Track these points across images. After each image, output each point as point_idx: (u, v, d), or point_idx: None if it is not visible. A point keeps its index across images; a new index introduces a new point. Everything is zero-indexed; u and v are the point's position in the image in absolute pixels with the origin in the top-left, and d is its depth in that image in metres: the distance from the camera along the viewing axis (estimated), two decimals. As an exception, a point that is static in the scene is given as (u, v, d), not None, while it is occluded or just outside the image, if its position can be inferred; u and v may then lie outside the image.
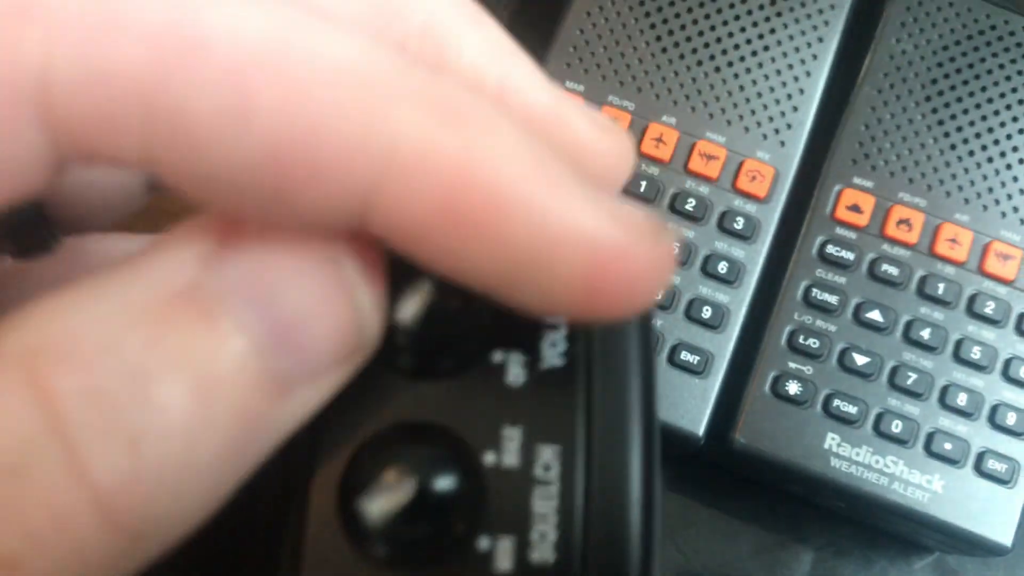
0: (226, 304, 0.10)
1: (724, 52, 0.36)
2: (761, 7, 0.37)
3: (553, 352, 0.12)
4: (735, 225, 0.35)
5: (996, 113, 0.36)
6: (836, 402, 0.34)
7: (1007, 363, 0.34)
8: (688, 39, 0.36)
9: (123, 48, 0.09)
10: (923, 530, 0.34)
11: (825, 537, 0.38)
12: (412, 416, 0.12)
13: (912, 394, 0.34)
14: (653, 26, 0.37)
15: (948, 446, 0.33)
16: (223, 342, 0.10)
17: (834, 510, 0.37)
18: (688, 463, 0.38)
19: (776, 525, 0.38)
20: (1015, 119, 0.36)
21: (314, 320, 0.10)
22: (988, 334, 0.34)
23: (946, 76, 0.36)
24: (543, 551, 0.11)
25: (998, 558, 0.37)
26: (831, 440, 0.34)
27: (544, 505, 0.11)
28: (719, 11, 0.37)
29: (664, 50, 0.36)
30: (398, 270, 0.11)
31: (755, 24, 0.36)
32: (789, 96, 0.36)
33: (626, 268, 0.10)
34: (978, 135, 0.36)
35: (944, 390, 0.34)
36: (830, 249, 0.35)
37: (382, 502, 0.11)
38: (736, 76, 0.36)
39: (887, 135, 0.36)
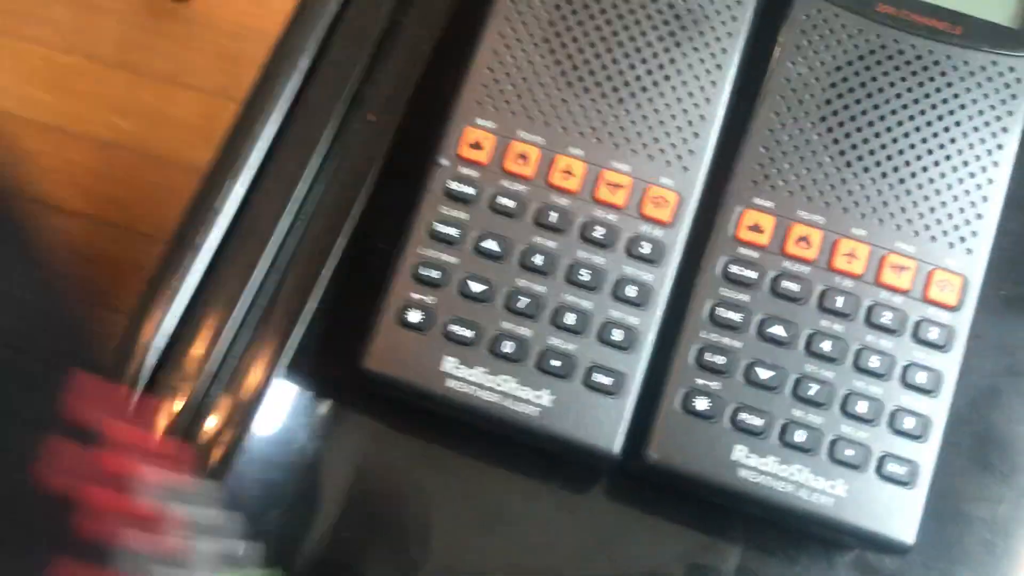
0: None
1: (626, 83, 0.38)
2: (660, 38, 0.38)
3: None
4: (642, 250, 0.37)
5: (889, 130, 0.37)
6: (743, 415, 0.35)
7: (905, 370, 0.36)
8: (591, 72, 0.38)
9: None
10: (833, 532, 0.36)
11: (750, 540, 0.40)
12: None
13: (815, 404, 0.36)
14: (558, 62, 0.38)
15: (850, 452, 0.35)
16: None
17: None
18: (615, 475, 0.39)
19: (702, 529, 0.40)
20: (906, 135, 0.37)
21: None
22: (886, 343, 0.36)
23: (839, 96, 0.38)
24: None
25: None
26: (739, 452, 0.35)
27: None
28: (620, 44, 0.38)
29: (569, 84, 0.38)
30: None
31: (655, 55, 0.38)
32: (690, 122, 0.38)
33: None
34: (872, 152, 0.37)
35: (845, 398, 0.36)
36: (733, 269, 0.37)
37: None
38: (639, 106, 0.38)
39: (785, 155, 0.37)
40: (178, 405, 0.38)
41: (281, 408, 0.40)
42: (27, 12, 1.14)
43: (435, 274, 0.37)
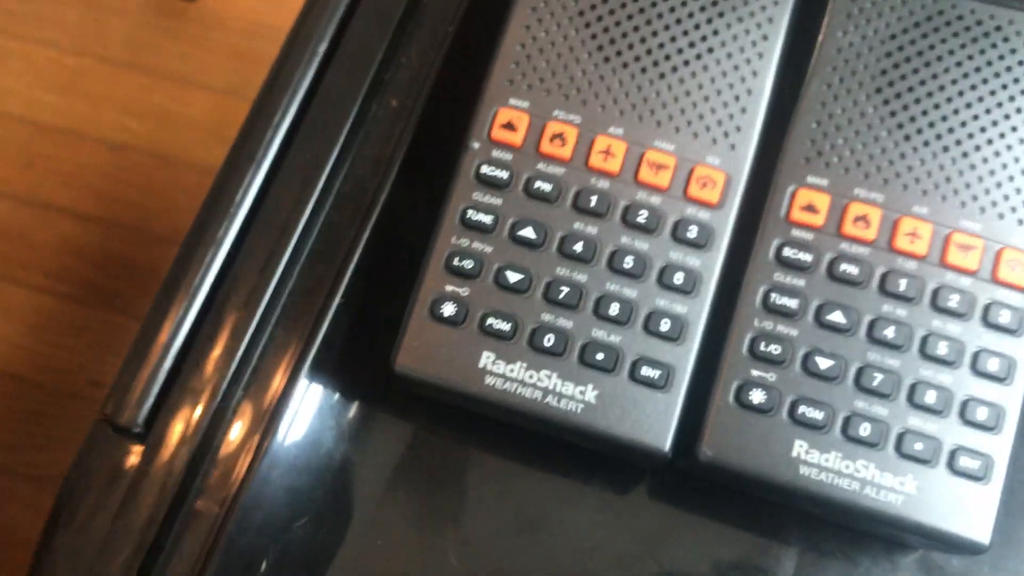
0: None
1: (667, 58, 0.36)
2: (703, 8, 0.36)
3: None
4: (689, 234, 0.35)
5: (949, 101, 0.35)
6: (802, 408, 0.33)
7: (975, 357, 0.34)
8: (630, 47, 0.36)
9: None
10: (901, 532, 0.34)
11: (807, 540, 0.38)
12: None
13: (879, 395, 0.33)
14: (594, 36, 0.36)
15: (919, 446, 0.33)
16: None
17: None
18: (665, 473, 0.37)
19: (757, 530, 0.38)
20: (968, 105, 0.35)
21: None
22: (954, 328, 0.34)
23: (895, 66, 0.35)
24: None
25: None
26: (799, 447, 0.33)
27: None
28: (659, 16, 0.36)
29: (607, 60, 0.36)
30: None
31: (697, 27, 0.36)
32: (737, 98, 0.35)
33: None
34: (932, 124, 0.35)
35: (912, 388, 0.33)
36: (787, 252, 0.34)
37: None
38: (681, 81, 0.35)
39: (839, 131, 0.35)
40: (198, 410, 0.36)
41: (307, 410, 0.38)
42: (34, 14, 1.13)
43: (469, 264, 0.34)
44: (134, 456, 0.36)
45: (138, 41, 1.13)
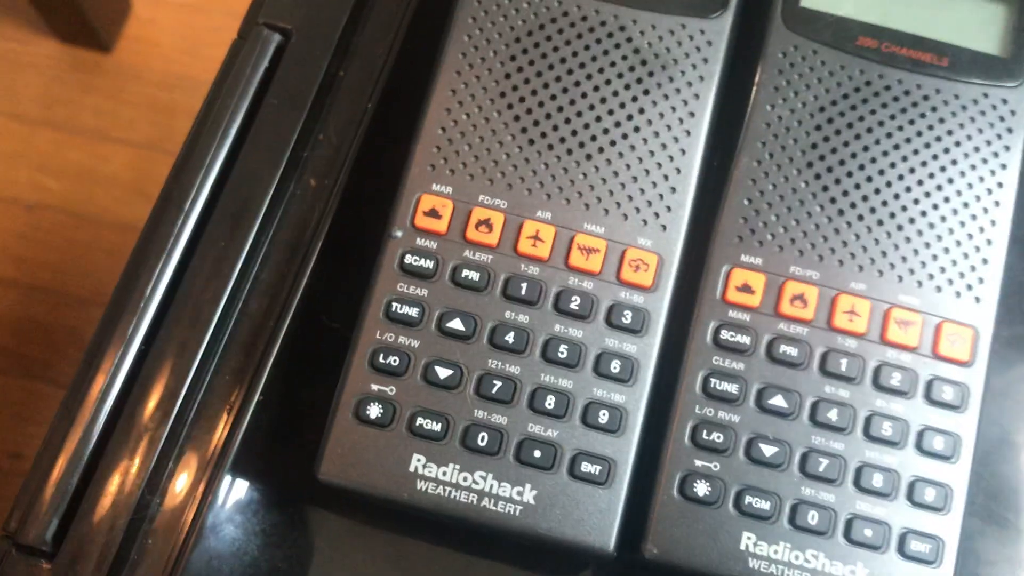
0: None
1: (593, 138, 0.34)
2: (627, 87, 0.35)
3: None
4: (624, 319, 0.33)
5: (881, 172, 0.34)
6: (748, 498, 0.32)
7: (920, 435, 0.33)
8: (555, 128, 0.35)
9: None
10: (854, 619, 0.33)
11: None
12: None
13: (825, 480, 0.32)
14: (517, 118, 0.35)
15: (868, 532, 0.32)
16: None
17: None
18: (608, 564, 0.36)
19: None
20: (900, 177, 0.34)
21: None
22: (897, 407, 0.33)
23: (826, 139, 0.35)
24: None
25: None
26: (747, 540, 0.32)
27: None
28: (583, 96, 0.35)
29: (531, 142, 0.34)
30: None
31: (622, 105, 0.35)
32: (666, 177, 0.34)
33: None
34: (865, 198, 0.34)
35: (858, 472, 0.32)
36: (724, 334, 0.33)
37: None
38: (608, 162, 0.34)
39: (771, 207, 0.34)
40: (111, 524, 0.34)
41: (227, 516, 0.35)
42: (-60, 72, 1.08)
43: (395, 360, 0.33)
44: (41, 580, 0.33)
45: (51, 96, 1.09)
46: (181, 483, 0.35)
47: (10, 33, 1.11)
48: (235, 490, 0.36)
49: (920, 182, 0.34)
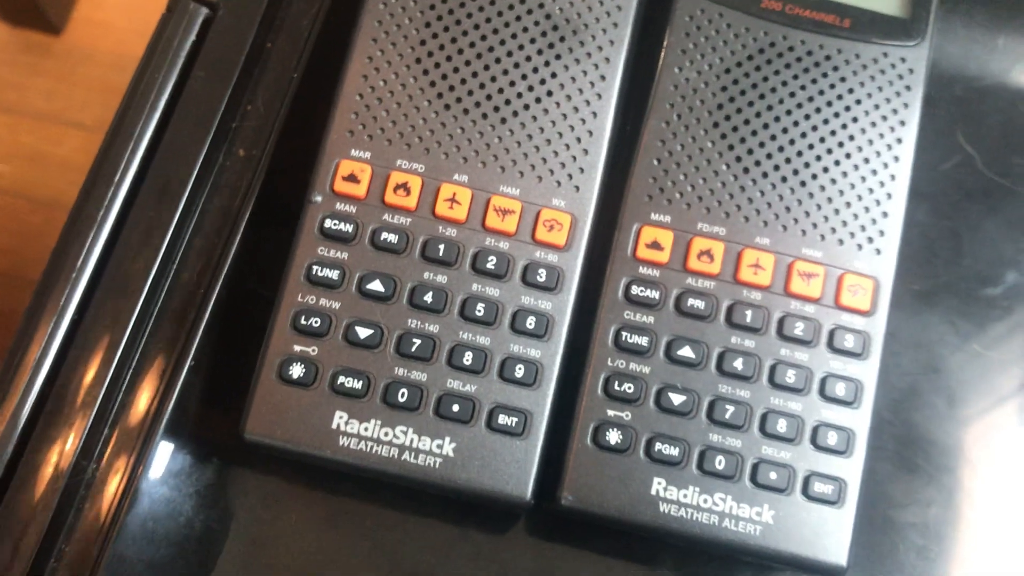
0: None
1: (507, 102, 0.35)
2: (540, 52, 0.36)
3: None
4: (538, 278, 0.34)
5: (784, 131, 0.36)
6: (658, 445, 0.33)
7: (823, 382, 0.34)
8: (469, 93, 0.35)
9: None
10: (764, 560, 0.34)
11: (681, 568, 0.38)
12: None
13: (732, 427, 0.34)
14: (432, 84, 0.36)
15: (773, 475, 0.33)
16: None
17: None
18: (534, 515, 0.37)
19: (632, 560, 0.38)
20: (803, 135, 0.36)
21: None
22: (801, 356, 0.34)
23: (731, 100, 0.36)
24: None
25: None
26: (657, 485, 0.33)
27: None
28: (497, 60, 0.36)
29: (447, 107, 0.35)
30: None
31: (535, 70, 0.36)
32: (578, 139, 0.35)
33: None
34: (769, 156, 0.36)
35: (763, 418, 0.34)
36: (635, 290, 0.35)
37: None
38: (523, 125, 0.35)
39: (679, 167, 0.35)
40: (47, 487, 0.35)
41: (161, 479, 0.36)
42: None
43: (316, 322, 0.34)
44: (-25, 545, 0.34)
45: (1, 80, 1.08)
46: (115, 448, 0.36)
47: (-43, 16, 1.10)
48: (169, 453, 0.37)
49: (822, 139, 0.36)
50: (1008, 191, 0.44)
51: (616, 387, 0.34)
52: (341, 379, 0.33)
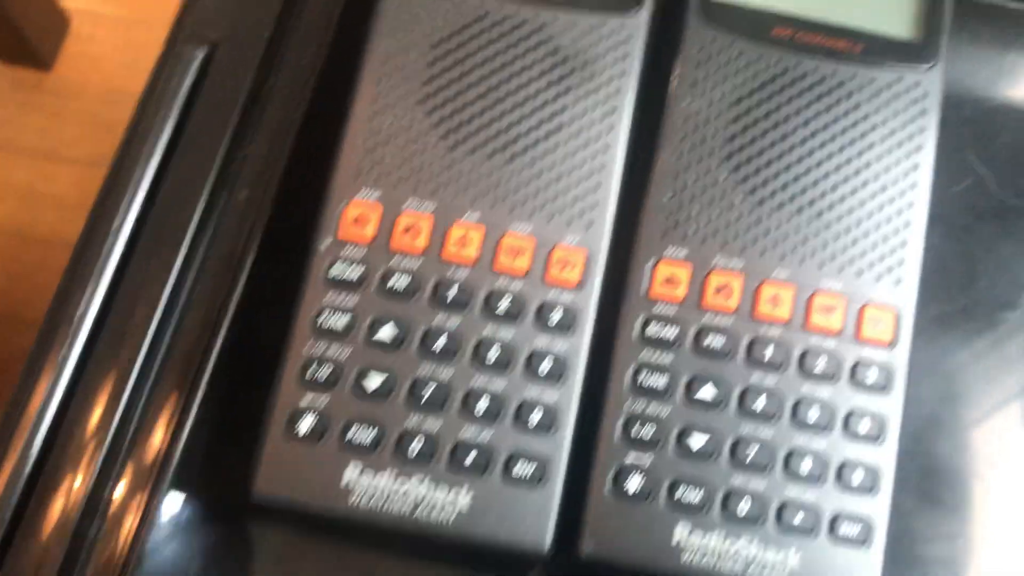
0: None
1: (516, 140, 0.35)
2: (548, 86, 0.35)
3: None
4: (552, 318, 0.34)
5: (799, 161, 0.35)
6: (680, 490, 0.32)
7: (846, 419, 0.33)
8: (476, 131, 0.35)
9: None
10: (791, 603, 0.33)
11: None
12: None
13: (756, 468, 0.33)
14: (439, 123, 0.35)
15: (799, 517, 0.32)
16: None
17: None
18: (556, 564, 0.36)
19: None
20: (818, 164, 0.35)
21: None
22: (823, 392, 0.33)
23: (744, 130, 0.35)
24: None
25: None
26: (680, 532, 0.32)
27: None
28: (505, 97, 0.35)
29: (455, 145, 0.35)
30: None
31: (544, 105, 0.35)
32: (590, 174, 0.35)
33: None
34: (784, 186, 0.35)
35: (787, 458, 0.33)
36: (651, 329, 0.34)
37: None
38: (532, 162, 0.35)
39: (693, 200, 0.35)
40: (50, 546, 0.34)
41: (165, 538, 0.35)
42: None
43: (325, 372, 0.33)
44: (-24, 612, 0.33)
45: (-7, 117, 1.08)
46: (121, 505, 0.35)
47: (-54, 55, 1.09)
48: (175, 509, 0.35)
49: (838, 168, 0.35)
50: (1022, 211, 0.43)
51: (635, 431, 0.33)
52: (352, 431, 0.32)
